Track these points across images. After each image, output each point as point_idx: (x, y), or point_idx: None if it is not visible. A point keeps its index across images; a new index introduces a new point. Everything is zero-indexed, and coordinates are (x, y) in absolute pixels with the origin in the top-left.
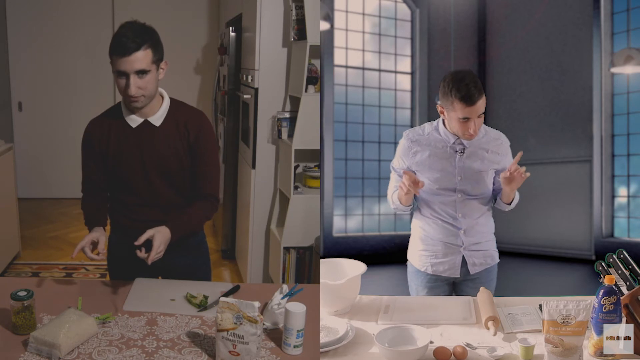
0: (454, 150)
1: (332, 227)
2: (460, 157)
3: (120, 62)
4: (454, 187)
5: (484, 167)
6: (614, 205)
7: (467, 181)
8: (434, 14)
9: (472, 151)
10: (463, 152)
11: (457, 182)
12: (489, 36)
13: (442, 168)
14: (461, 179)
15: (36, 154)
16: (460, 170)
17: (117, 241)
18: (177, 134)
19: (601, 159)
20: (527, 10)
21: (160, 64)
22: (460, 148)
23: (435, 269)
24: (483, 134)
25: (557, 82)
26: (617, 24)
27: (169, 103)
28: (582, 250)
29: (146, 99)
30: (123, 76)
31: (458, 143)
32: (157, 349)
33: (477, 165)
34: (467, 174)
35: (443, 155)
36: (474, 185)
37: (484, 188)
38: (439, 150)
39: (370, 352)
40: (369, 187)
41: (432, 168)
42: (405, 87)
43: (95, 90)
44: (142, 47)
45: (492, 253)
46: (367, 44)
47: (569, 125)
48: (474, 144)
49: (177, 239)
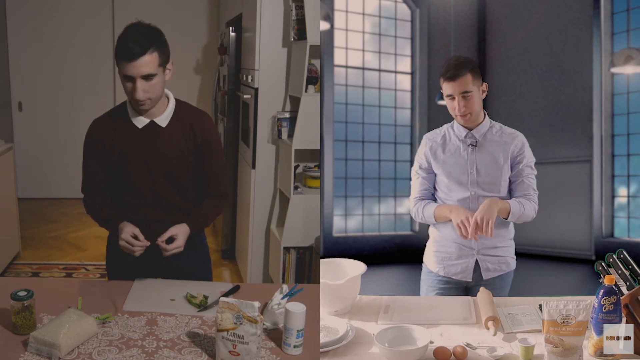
0: (466, 144)
1: (332, 227)
2: (473, 150)
3: (127, 67)
4: (467, 182)
5: (497, 159)
6: (614, 205)
7: (480, 175)
8: (434, 14)
9: (484, 144)
10: (475, 144)
11: (470, 176)
12: (489, 36)
13: (455, 162)
14: (473, 172)
15: (36, 154)
16: (473, 163)
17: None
18: (183, 135)
19: (601, 159)
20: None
21: (167, 65)
22: (472, 141)
23: (448, 271)
24: (498, 129)
25: (557, 82)
26: (617, 24)
27: (175, 104)
28: (582, 250)
29: (153, 102)
30: (130, 80)
31: (469, 136)
32: (157, 349)
33: (488, 157)
34: (480, 167)
35: (455, 149)
36: (487, 180)
37: (499, 185)
38: (452, 145)
39: (370, 352)
40: (369, 187)
41: (445, 162)
42: (405, 87)
43: (95, 90)
44: (148, 51)
45: (507, 260)
46: (367, 44)
47: (569, 125)
48: (487, 137)
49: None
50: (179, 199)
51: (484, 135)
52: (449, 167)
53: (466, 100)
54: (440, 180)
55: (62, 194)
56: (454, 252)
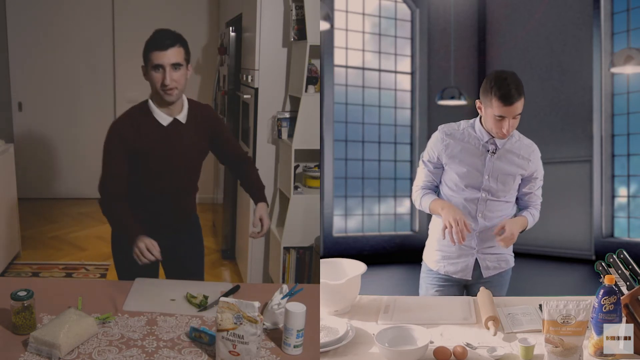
0: (486, 149)
1: (332, 227)
2: (491, 157)
3: (158, 56)
4: (479, 186)
5: (513, 170)
6: (614, 205)
7: (494, 181)
8: (434, 14)
9: (503, 153)
10: (495, 152)
11: (484, 181)
12: (489, 36)
13: (471, 164)
14: (488, 177)
15: (36, 154)
16: (489, 169)
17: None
18: (196, 129)
19: (601, 159)
20: (527, 10)
21: (188, 65)
22: (493, 148)
23: (447, 270)
24: (517, 139)
25: (557, 82)
26: (617, 24)
27: (187, 101)
28: (582, 250)
29: (178, 93)
30: (159, 69)
31: (491, 143)
32: (157, 349)
33: (506, 167)
34: (495, 174)
35: (475, 152)
36: (499, 187)
37: (508, 192)
38: (471, 147)
39: (370, 352)
40: (369, 187)
41: (462, 162)
42: (405, 87)
43: (96, 90)
44: (176, 45)
45: (506, 257)
46: (367, 44)
47: (569, 125)
48: (506, 146)
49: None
50: (188, 186)
51: (504, 143)
52: (465, 168)
53: (514, 121)
54: (450, 178)
55: (62, 194)
56: (454, 251)
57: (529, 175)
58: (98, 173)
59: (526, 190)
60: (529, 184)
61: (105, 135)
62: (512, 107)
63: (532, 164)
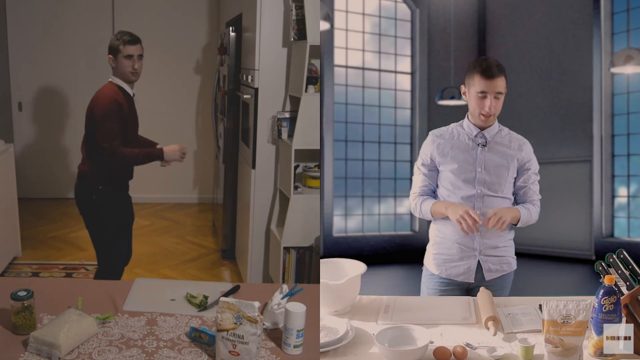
0: (476, 143)
1: (332, 227)
2: (482, 150)
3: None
4: (474, 180)
5: (505, 161)
6: (614, 205)
7: (487, 174)
8: (434, 14)
9: (493, 145)
10: (485, 145)
11: (477, 174)
12: (489, 36)
13: (463, 159)
14: (482, 170)
15: (36, 154)
16: (481, 162)
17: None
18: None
19: (601, 159)
20: (527, 10)
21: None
22: (482, 141)
23: (450, 273)
24: (506, 133)
25: (557, 82)
26: (617, 24)
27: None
28: (582, 250)
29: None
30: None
31: (480, 136)
32: (157, 349)
33: (497, 158)
34: (488, 166)
35: (465, 147)
36: (493, 179)
37: (504, 185)
38: (462, 143)
39: (370, 352)
40: (369, 187)
41: (454, 159)
42: (405, 87)
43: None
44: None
45: (509, 259)
46: (367, 44)
47: (569, 125)
48: (496, 139)
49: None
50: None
51: (493, 136)
52: (457, 163)
53: (497, 101)
54: (445, 177)
55: (62, 194)
56: (456, 254)
57: (522, 166)
58: None
59: (521, 184)
60: (522, 176)
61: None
62: (493, 81)
63: (524, 154)
